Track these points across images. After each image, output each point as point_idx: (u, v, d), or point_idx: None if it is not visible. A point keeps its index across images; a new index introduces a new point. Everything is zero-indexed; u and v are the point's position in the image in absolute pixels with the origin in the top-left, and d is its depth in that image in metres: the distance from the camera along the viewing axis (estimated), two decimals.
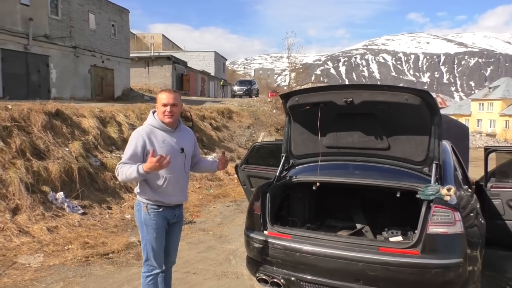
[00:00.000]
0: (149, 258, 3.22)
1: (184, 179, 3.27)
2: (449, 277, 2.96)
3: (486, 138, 47.71)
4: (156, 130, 3.10)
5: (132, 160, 2.98)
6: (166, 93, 3.13)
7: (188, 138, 3.34)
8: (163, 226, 3.17)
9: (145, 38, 71.80)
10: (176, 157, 3.10)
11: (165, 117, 3.10)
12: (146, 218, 3.12)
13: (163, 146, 3.05)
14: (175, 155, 3.08)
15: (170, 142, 3.11)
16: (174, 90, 3.22)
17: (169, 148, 3.07)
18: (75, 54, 19.49)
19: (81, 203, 7.29)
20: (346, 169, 3.89)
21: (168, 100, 3.09)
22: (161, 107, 3.11)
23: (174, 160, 3.02)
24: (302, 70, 35.76)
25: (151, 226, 3.12)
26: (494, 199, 4.65)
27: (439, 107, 3.40)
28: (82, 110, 10.01)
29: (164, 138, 3.09)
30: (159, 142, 3.06)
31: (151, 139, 3.04)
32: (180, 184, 3.19)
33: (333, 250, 3.18)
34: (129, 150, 3.01)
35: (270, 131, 17.63)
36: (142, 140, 3.01)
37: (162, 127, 3.12)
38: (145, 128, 3.10)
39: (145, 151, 3.00)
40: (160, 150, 3.00)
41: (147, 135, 3.04)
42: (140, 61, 31.43)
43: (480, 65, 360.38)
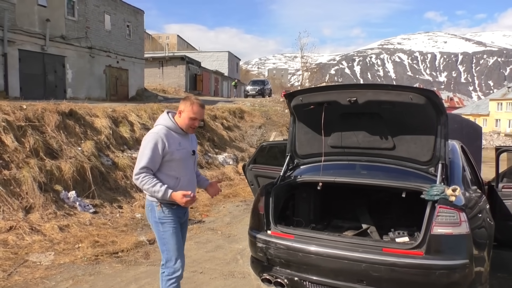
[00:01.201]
0: (170, 258, 3.14)
1: (193, 180, 3.34)
2: (454, 278, 2.91)
3: (504, 138, 46.74)
4: (171, 132, 3.11)
5: (152, 163, 3.00)
6: (199, 108, 3.16)
7: (194, 141, 3.42)
8: (178, 222, 3.19)
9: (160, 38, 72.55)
10: (188, 159, 3.20)
11: (190, 129, 3.18)
12: (161, 216, 3.12)
13: (180, 149, 3.10)
14: (187, 157, 3.18)
15: (185, 145, 3.17)
16: (203, 104, 3.26)
17: (184, 151, 3.15)
18: (91, 55, 19.77)
19: (93, 202, 7.39)
20: (351, 169, 3.86)
21: (200, 116, 3.18)
22: (189, 120, 3.14)
23: (186, 162, 3.17)
24: (316, 70, 35.57)
25: (167, 223, 3.12)
26: (506, 199, 4.56)
27: (445, 107, 3.35)
28: (95, 110, 10.15)
29: (179, 141, 3.13)
30: (176, 144, 3.09)
31: (170, 141, 3.06)
32: (191, 185, 3.23)
33: (336, 251, 3.16)
34: (149, 153, 2.99)
35: (282, 131, 17.59)
36: (162, 143, 3.02)
37: (178, 130, 3.15)
38: (161, 130, 3.09)
39: (164, 153, 3.03)
40: (178, 153, 3.08)
41: (166, 137, 3.05)
42: (154, 61, 31.71)
43: (499, 64, 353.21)
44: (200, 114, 3.16)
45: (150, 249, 5.69)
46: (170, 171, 3.10)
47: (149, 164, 2.99)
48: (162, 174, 3.08)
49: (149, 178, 2.98)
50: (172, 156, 3.06)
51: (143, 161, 2.99)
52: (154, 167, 3.03)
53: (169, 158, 3.06)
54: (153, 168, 3.03)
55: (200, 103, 3.19)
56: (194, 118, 3.13)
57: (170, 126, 3.13)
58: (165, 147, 3.02)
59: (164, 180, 3.05)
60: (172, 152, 3.05)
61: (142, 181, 2.98)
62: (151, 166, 3.00)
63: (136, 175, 3.01)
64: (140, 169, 3.00)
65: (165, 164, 3.07)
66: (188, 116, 3.12)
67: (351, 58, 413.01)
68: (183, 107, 3.15)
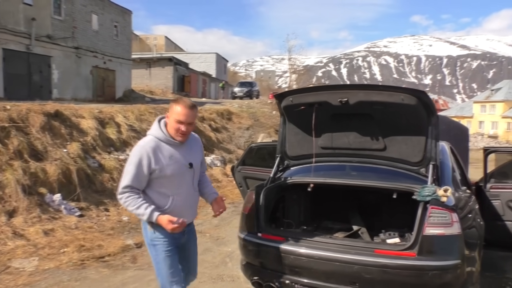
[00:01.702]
0: (164, 285, 2.83)
1: (192, 197, 2.91)
2: (446, 279, 2.90)
3: (488, 140, 47.53)
4: (162, 144, 2.72)
5: (137, 182, 2.65)
6: (184, 109, 2.68)
7: (196, 149, 2.95)
8: (173, 244, 2.81)
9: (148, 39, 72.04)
10: (184, 174, 2.78)
11: (177, 135, 2.72)
12: (153, 237, 2.77)
13: (170, 164, 2.70)
14: (183, 171, 2.77)
15: (177, 158, 2.74)
16: (193, 105, 2.74)
17: (177, 166, 2.73)
18: (77, 55, 19.50)
19: (79, 205, 7.25)
20: (341, 170, 3.84)
21: (186, 118, 2.69)
22: (175, 123, 2.70)
23: (181, 178, 2.77)
24: (303, 72, 35.73)
25: (160, 245, 2.77)
26: (494, 200, 4.60)
27: (435, 108, 3.35)
28: (81, 111, 9.99)
29: (171, 153, 2.72)
30: (166, 158, 2.69)
31: (157, 156, 2.67)
32: (188, 203, 2.85)
33: (328, 253, 3.12)
34: (132, 170, 2.64)
35: (270, 132, 17.58)
36: (147, 158, 2.64)
37: (169, 141, 2.73)
38: (149, 143, 2.70)
39: (151, 170, 2.66)
40: (168, 169, 2.68)
41: (153, 151, 2.66)
42: (142, 62, 31.45)
43: (483, 67, 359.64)
44: (187, 116, 2.68)
45: (138, 253, 5.59)
46: (160, 188, 2.73)
47: (133, 183, 2.65)
48: (153, 191, 2.73)
49: (133, 198, 2.64)
50: (162, 173, 2.68)
51: (126, 179, 2.65)
52: (140, 185, 2.69)
53: (157, 175, 2.68)
54: (139, 186, 2.68)
55: (187, 103, 2.72)
56: (179, 121, 2.68)
57: (160, 136, 2.73)
58: (151, 163, 2.64)
59: (155, 199, 2.72)
60: (161, 169, 2.67)
61: (125, 201, 2.66)
62: (136, 184, 2.66)
63: (119, 194, 2.68)
64: (122, 188, 2.66)
65: (154, 181, 2.71)
66: (173, 119, 2.70)
67: (338, 61, 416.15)
68: (170, 109, 2.75)
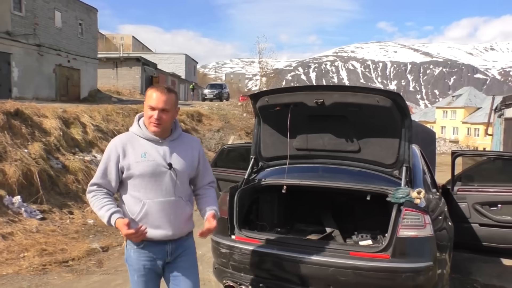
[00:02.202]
0: None
1: (175, 206, 2.37)
2: (419, 281, 2.92)
3: (450, 144, 49.30)
4: (137, 139, 2.36)
5: (104, 179, 2.33)
6: (156, 92, 2.31)
7: (187, 151, 2.46)
8: (150, 268, 2.39)
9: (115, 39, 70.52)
10: (160, 175, 2.32)
11: (150, 124, 2.33)
12: (127, 257, 2.42)
13: (141, 161, 2.30)
14: (158, 172, 2.32)
15: (153, 156, 2.32)
16: (169, 89, 2.36)
17: (151, 164, 2.31)
18: (39, 53, 18.76)
19: (40, 207, 6.93)
20: (316, 172, 3.82)
21: (157, 103, 2.29)
22: (148, 110, 2.32)
23: (157, 180, 2.32)
24: (273, 75, 35.92)
25: (132, 267, 2.41)
26: (461, 202, 4.70)
27: (409, 110, 3.38)
28: (44, 110, 9.58)
29: (145, 149, 2.33)
30: (137, 155, 2.31)
31: (127, 151, 2.32)
32: (167, 212, 2.34)
33: (303, 255, 3.08)
34: (101, 166, 2.35)
35: (240, 134, 17.53)
36: (116, 154, 2.31)
37: (146, 135, 2.36)
38: (123, 136, 2.40)
39: (120, 167, 2.32)
40: (138, 166, 2.29)
41: (123, 146, 2.32)
42: (108, 62, 30.66)
43: (444, 74, 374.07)
44: (159, 100, 2.28)
45: (104, 257, 5.38)
46: (133, 191, 2.34)
47: (100, 180, 2.33)
48: (127, 195, 2.37)
49: (97, 198, 2.30)
50: (130, 171, 2.30)
51: (95, 176, 2.35)
52: (108, 184, 2.33)
53: (127, 174, 2.32)
54: (107, 185, 2.33)
55: (161, 87, 2.35)
56: (151, 107, 2.29)
57: (135, 130, 2.39)
58: (118, 158, 2.31)
59: (127, 204, 2.35)
60: (129, 166, 2.30)
61: (90, 201, 2.34)
62: (103, 183, 2.33)
63: (87, 192, 2.37)
64: (89, 186, 2.36)
65: (128, 182, 2.35)
66: (146, 106, 2.32)
67: (307, 65, 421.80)
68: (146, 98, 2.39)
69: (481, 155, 5.94)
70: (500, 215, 4.47)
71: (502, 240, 4.47)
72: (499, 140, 16.86)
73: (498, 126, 17.89)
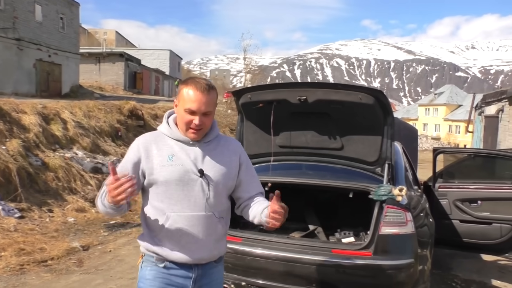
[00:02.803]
0: None
1: (205, 223, 1.91)
2: (400, 278, 2.94)
3: (431, 142, 50.06)
4: (165, 139, 1.94)
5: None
6: (196, 92, 1.83)
7: (222, 155, 1.98)
8: None
9: (97, 34, 69.39)
10: (188, 183, 1.87)
11: (189, 131, 1.88)
12: (140, 277, 1.97)
13: (166, 165, 1.86)
14: (186, 180, 1.86)
15: (181, 159, 1.88)
16: (211, 86, 1.89)
17: (176, 169, 1.86)
18: (19, 47, 18.32)
19: (19, 206, 6.76)
20: (299, 169, 3.81)
21: (199, 107, 1.83)
22: (185, 114, 1.86)
23: (184, 189, 1.87)
24: (258, 72, 35.90)
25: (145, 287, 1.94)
26: (442, 199, 4.76)
27: (392, 107, 3.40)
28: (23, 106, 9.35)
29: (173, 151, 1.89)
30: (162, 157, 1.87)
31: (151, 152, 1.89)
32: (195, 230, 1.89)
33: (285, 253, 3.07)
34: (120, 166, 1.92)
35: (225, 131, 17.45)
36: (137, 154, 1.89)
37: (176, 135, 1.93)
38: (148, 136, 1.97)
39: (141, 171, 1.88)
40: (161, 171, 1.85)
41: (146, 145, 1.90)
42: (91, 57, 30.17)
43: (427, 72, 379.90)
44: (201, 103, 1.83)
45: (84, 256, 5.28)
46: (156, 201, 1.90)
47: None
48: (149, 206, 1.93)
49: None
50: (153, 176, 1.87)
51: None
52: None
53: (149, 179, 1.88)
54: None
55: (202, 84, 1.86)
56: (191, 110, 1.83)
57: (163, 129, 1.96)
58: (140, 159, 1.88)
59: (149, 217, 1.92)
60: (152, 169, 1.86)
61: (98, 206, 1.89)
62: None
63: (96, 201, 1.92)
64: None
65: (150, 191, 1.91)
66: (183, 109, 1.86)
67: (292, 62, 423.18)
68: (178, 95, 1.93)
69: (462, 152, 6.03)
70: (479, 212, 4.53)
71: (481, 236, 4.54)
72: (479, 137, 17.19)
73: (478, 123, 18.24)
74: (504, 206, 4.47)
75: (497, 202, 4.52)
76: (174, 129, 1.94)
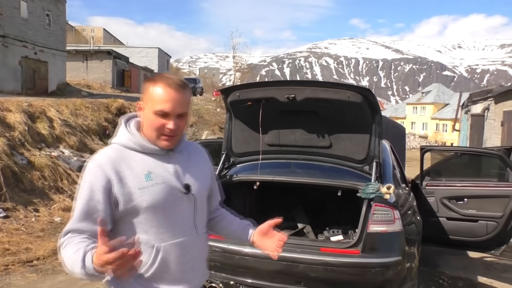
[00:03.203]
0: None
1: (200, 245, 1.67)
2: (388, 275, 2.95)
3: (419, 140, 50.58)
4: (131, 154, 1.54)
5: (87, 221, 1.46)
6: (168, 89, 1.50)
7: (200, 165, 1.72)
8: None
9: (85, 31, 68.59)
10: (175, 204, 1.56)
11: (161, 138, 1.54)
12: None
13: (146, 186, 1.50)
14: (173, 200, 1.55)
15: (162, 176, 1.54)
16: (184, 83, 1.56)
17: (159, 189, 1.52)
18: (4, 44, 17.98)
19: (3, 205, 6.64)
20: (287, 168, 3.80)
21: (174, 107, 1.51)
22: (155, 117, 1.52)
23: (171, 211, 1.55)
24: (247, 70, 35.82)
25: None
26: (429, 197, 4.79)
27: (379, 106, 3.40)
28: (8, 104, 9.19)
29: (148, 168, 1.53)
30: (139, 177, 1.51)
31: (122, 174, 1.49)
32: (190, 257, 1.61)
33: None
34: (79, 203, 1.48)
35: (214, 130, 17.41)
36: (104, 180, 1.47)
37: (145, 146, 1.56)
38: (110, 153, 1.54)
39: (113, 199, 1.48)
40: (142, 195, 1.48)
41: (115, 166, 1.49)
42: (78, 55, 29.79)
43: (414, 71, 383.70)
44: (175, 102, 1.50)
45: None
46: (140, 233, 1.51)
47: (80, 224, 1.45)
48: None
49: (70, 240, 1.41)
50: (132, 203, 1.48)
51: (73, 217, 1.49)
52: (92, 227, 1.43)
53: (127, 208, 1.49)
54: (91, 230, 1.44)
55: (174, 81, 1.53)
56: (163, 112, 1.50)
57: (127, 143, 1.56)
58: (111, 187, 1.47)
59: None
60: (129, 194, 1.48)
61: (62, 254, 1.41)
62: (85, 227, 1.45)
63: (58, 246, 1.46)
64: (61, 236, 1.46)
65: (124, 221, 1.52)
66: (152, 110, 1.51)
67: (281, 60, 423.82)
68: (144, 94, 1.56)
69: (449, 151, 6.09)
70: (466, 209, 4.58)
71: (468, 233, 4.59)
72: (465, 136, 17.40)
73: (465, 122, 18.45)
74: (490, 203, 4.52)
75: (483, 199, 4.57)
76: (140, 138, 1.57)
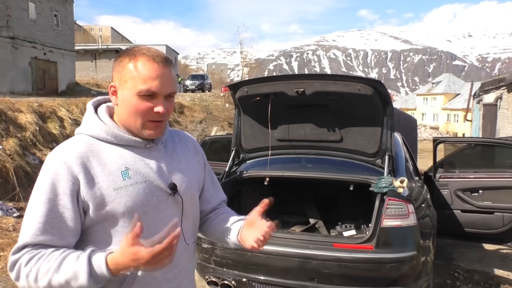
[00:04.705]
0: None
1: (188, 254, 1.40)
2: (403, 270, 2.89)
3: (430, 131, 50.04)
4: (104, 148, 1.24)
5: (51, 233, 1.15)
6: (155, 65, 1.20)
7: (187, 158, 1.42)
8: None
9: (93, 30, 69.02)
10: (158, 207, 1.27)
11: (147, 125, 1.25)
12: None
13: (123, 186, 1.20)
14: (155, 203, 1.26)
15: (141, 172, 1.25)
16: (168, 56, 1.27)
17: (140, 189, 1.23)
18: (13, 45, 18.18)
19: (17, 205, 6.71)
20: (298, 163, 3.76)
21: (163, 85, 1.21)
22: (140, 101, 1.21)
23: (154, 217, 1.25)
24: (255, 65, 35.70)
25: None
26: (443, 189, 4.71)
27: (391, 98, 3.34)
28: (19, 105, 9.27)
29: (126, 164, 1.24)
30: (113, 175, 1.21)
31: (91, 172, 1.19)
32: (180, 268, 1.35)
33: (286, 248, 3.02)
34: (40, 209, 1.15)
35: (223, 125, 17.40)
36: (70, 178, 1.17)
37: (120, 137, 1.26)
38: (76, 148, 1.21)
39: (82, 203, 1.18)
40: (117, 197, 1.19)
41: (82, 162, 1.19)
42: (87, 54, 30.03)
43: (424, 61, 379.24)
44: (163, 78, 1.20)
45: None
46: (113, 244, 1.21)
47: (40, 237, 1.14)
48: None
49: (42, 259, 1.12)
50: (105, 208, 1.18)
51: (24, 233, 1.15)
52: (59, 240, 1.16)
53: (97, 214, 1.19)
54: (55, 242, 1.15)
55: (156, 54, 1.23)
56: (150, 92, 1.20)
57: (96, 133, 1.26)
58: (77, 187, 1.17)
59: None
60: (101, 197, 1.18)
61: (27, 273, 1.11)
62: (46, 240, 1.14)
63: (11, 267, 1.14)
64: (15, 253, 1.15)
65: (99, 230, 1.22)
66: (134, 91, 1.20)
67: (289, 54, 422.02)
68: (116, 75, 1.24)
69: (462, 142, 5.98)
70: (481, 201, 4.49)
71: (483, 225, 4.50)
72: (478, 126, 17.15)
73: (477, 112, 18.18)
74: (505, 195, 4.43)
75: (498, 191, 4.48)
76: (114, 127, 1.26)
